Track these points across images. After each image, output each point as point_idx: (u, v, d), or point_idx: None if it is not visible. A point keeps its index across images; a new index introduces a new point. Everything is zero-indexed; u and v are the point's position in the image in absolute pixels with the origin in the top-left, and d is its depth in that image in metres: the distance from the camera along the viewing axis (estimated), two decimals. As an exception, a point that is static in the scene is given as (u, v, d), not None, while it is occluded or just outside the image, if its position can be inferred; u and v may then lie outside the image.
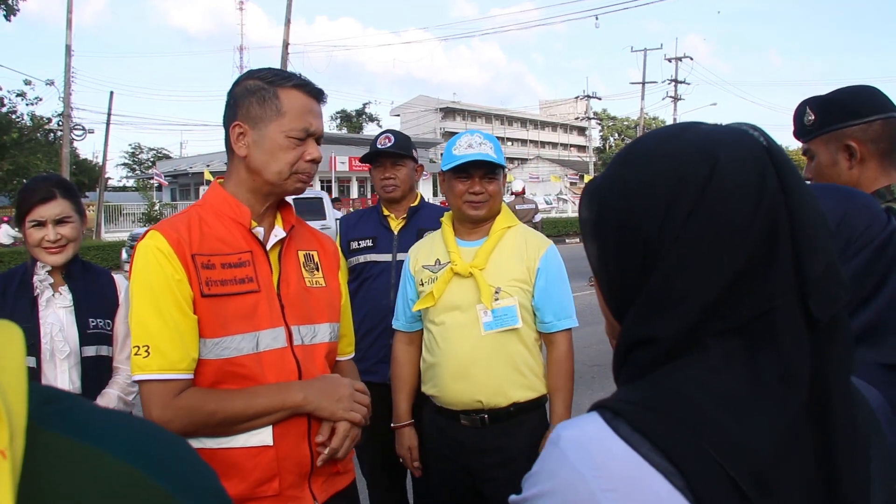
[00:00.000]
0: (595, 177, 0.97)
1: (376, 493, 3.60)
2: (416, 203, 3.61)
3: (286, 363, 1.92)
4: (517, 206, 12.73)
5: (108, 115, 31.60)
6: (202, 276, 1.84)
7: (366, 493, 3.46)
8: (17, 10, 28.01)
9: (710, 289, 0.81)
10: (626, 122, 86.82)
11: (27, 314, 2.65)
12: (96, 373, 2.73)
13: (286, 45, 29.33)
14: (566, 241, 29.88)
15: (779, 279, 0.81)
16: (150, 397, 1.80)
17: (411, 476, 3.60)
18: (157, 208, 32.93)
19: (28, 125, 32.49)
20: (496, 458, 2.68)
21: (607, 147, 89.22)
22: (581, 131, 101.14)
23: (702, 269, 0.81)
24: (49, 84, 31.44)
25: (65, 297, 2.73)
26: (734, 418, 0.77)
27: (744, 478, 0.73)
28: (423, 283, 2.85)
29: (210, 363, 1.84)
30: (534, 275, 2.74)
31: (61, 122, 30.46)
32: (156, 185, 40.80)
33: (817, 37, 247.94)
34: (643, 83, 53.90)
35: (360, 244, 3.51)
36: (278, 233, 2.02)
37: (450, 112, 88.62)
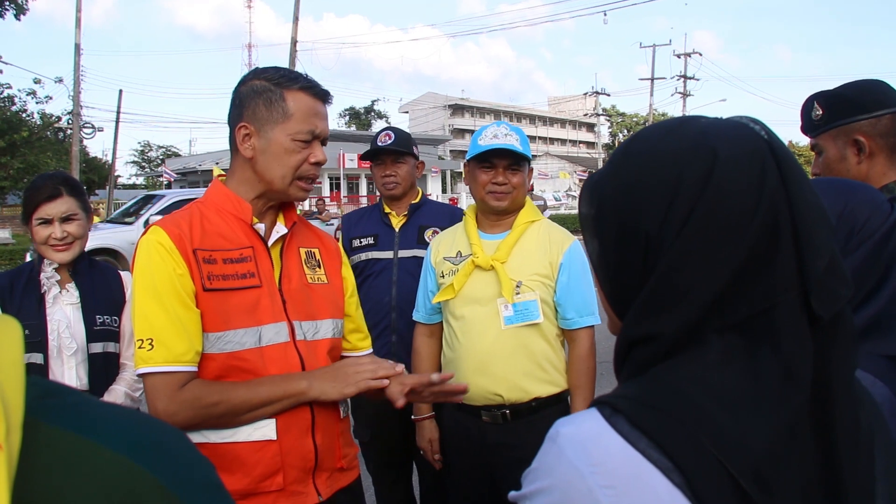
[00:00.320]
0: (595, 172, 0.96)
1: (382, 489, 3.60)
2: (418, 200, 3.60)
3: (289, 358, 1.92)
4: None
5: (118, 112, 31.68)
6: (204, 271, 1.85)
7: (371, 489, 3.46)
8: (27, 10, 28.12)
9: (711, 285, 0.80)
10: (635, 119, 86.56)
11: (34, 311, 2.67)
12: (103, 369, 2.74)
13: (294, 42, 29.36)
14: (576, 237, 29.79)
15: (780, 275, 0.80)
16: (155, 390, 1.80)
17: (418, 473, 3.60)
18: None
19: (38, 124, 32.64)
20: (518, 454, 2.62)
21: (616, 143, 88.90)
22: (590, 128, 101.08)
23: (703, 265, 0.80)
24: (58, 81, 31.60)
25: (72, 293, 2.74)
26: (734, 415, 0.76)
27: (744, 474, 0.73)
28: (443, 275, 2.83)
29: (213, 357, 1.85)
30: (556, 270, 2.71)
31: (71, 121, 30.60)
32: (165, 182, 40.87)
33: (828, 31, 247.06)
34: (652, 79, 53.76)
35: (361, 242, 3.50)
36: (280, 229, 2.02)
37: (458, 109, 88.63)
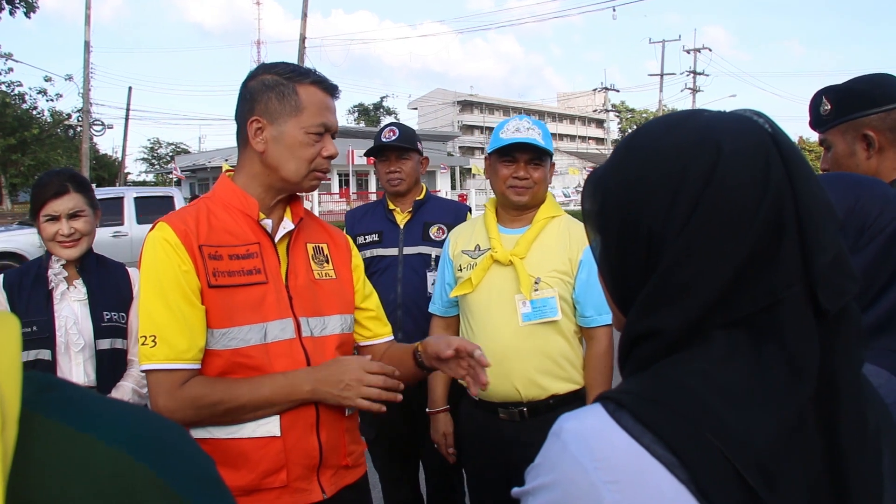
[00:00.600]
0: (598, 167, 0.95)
1: (388, 486, 3.60)
2: (422, 196, 3.58)
3: (295, 354, 1.92)
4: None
5: (127, 110, 31.83)
6: (209, 267, 1.85)
7: (378, 487, 3.46)
8: (37, 7, 28.23)
9: (714, 281, 0.79)
10: (644, 115, 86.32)
11: (42, 307, 2.67)
12: (111, 366, 2.74)
13: (303, 39, 29.40)
14: (585, 233, 29.76)
15: (785, 270, 0.79)
16: (157, 387, 1.81)
17: (424, 471, 3.59)
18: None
19: (48, 121, 32.79)
20: (534, 452, 2.60)
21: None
22: (599, 124, 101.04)
23: (706, 261, 0.79)
24: (68, 79, 31.79)
25: (79, 290, 2.74)
26: (739, 410, 0.75)
27: (749, 469, 0.72)
28: (461, 269, 2.80)
29: (218, 354, 1.85)
30: (576, 267, 2.67)
31: (81, 118, 30.74)
32: (174, 179, 41.02)
33: (839, 27, 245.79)
34: (661, 75, 53.65)
35: (366, 239, 3.49)
36: (287, 225, 2.01)
37: (467, 105, 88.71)
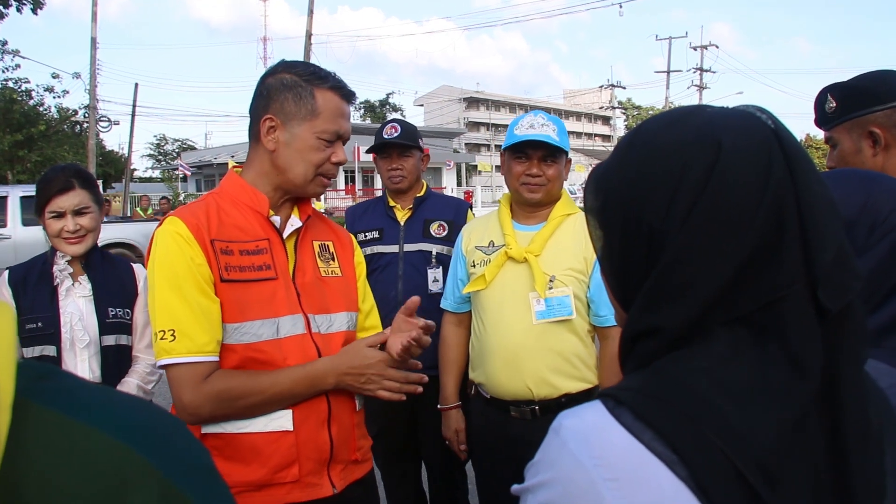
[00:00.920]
0: (600, 163, 0.95)
1: (390, 483, 3.59)
2: (423, 193, 3.57)
3: (307, 350, 1.91)
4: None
5: (134, 106, 31.84)
6: (221, 262, 1.84)
7: (380, 484, 3.46)
8: (44, 4, 28.27)
9: (714, 279, 0.79)
10: (650, 112, 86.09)
11: (47, 304, 2.68)
12: (116, 362, 2.75)
13: (309, 35, 29.37)
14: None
15: (787, 268, 0.79)
16: (180, 382, 1.79)
17: (426, 469, 3.59)
18: (181, 199, 33.13)
19: (55, 117, 32.84)
20: None
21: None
22: (605, 121, 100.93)
23: (706, 259, 0.79)
24: (76, 77, 31.79)
25: (84, 286, 2.75)
26: (740, 408, 0.75)
27: (749, 467, 0.72)
28: (474, 265, 2.77)
29: (232, 349, 1.84)
30: (591, 266, 2.63)
31: (87, 114, 30.78)
32: (181, 175, 41.14)
33: (847, 24, 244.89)
34: (668, 72, 53.51)
35: (366, 236, 3.48)
36: (294, 222, 2.01)
37: (473, 102, 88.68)
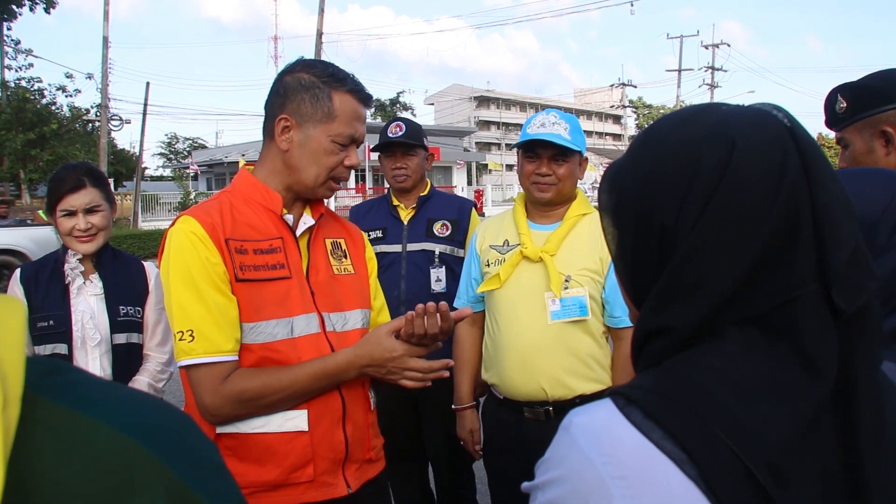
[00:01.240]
0: (614, 161, 0.95)
1: (396, 482, 3.56)
2: (426, 192, 3.56)
3: (321, 349, 1.90)
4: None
5: (145, 105, 31.91)
6: (236, 261, 1.83)
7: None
8: (56, 3, 28.44)
9: (727, 278, 0.78)
10: (661, 111, 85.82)
11: (59, 302, 2.69)
12: (127, 360, 2.76)
13: (320, 34, 29.43)
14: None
15: (800, 268, 0.78)
16: (200, 383, 1.78)
17: (433, 469, 3.58)
18: (192, 197, 33.23)
19: (67, 116, 33.01)
20: None
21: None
22: (616, 120, 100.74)
23: (718, 257, 0.79)
24: (89, 78, 32.00)
25: (95, 284, 2.75)
26: (751, 407, 0.75)
27: (759, 467, 0.71)
28: (489, 264, 2.75)
29: (249, 348, 1.83)
30: (606, 266, 2.61)
31: (99, 113, 30.92)
32: (192, 174, 41.25)
33: (859, 22, 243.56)
34: (679, 70, 53.37)
35: (370, 235, 3.42)
36: (307, 220, 2.00)
37: (484, 101, 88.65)
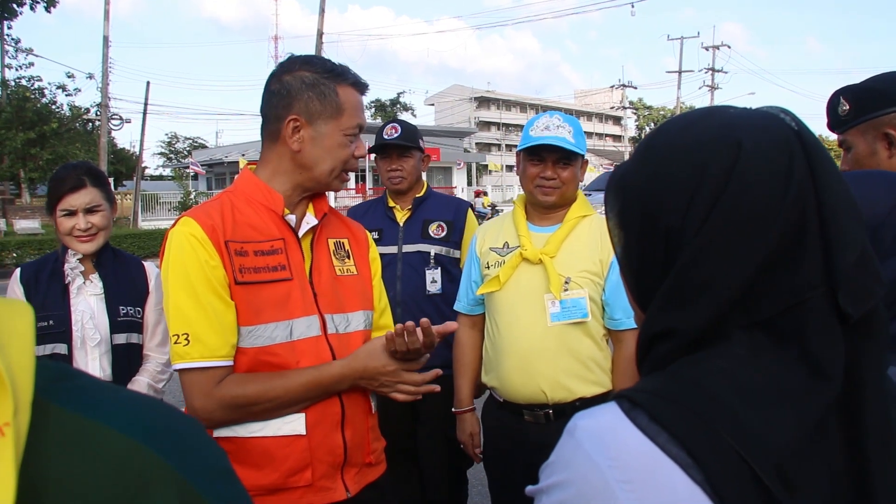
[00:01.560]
0: (620, 164, 0.95)
1: (394, 482, 3.55)
2: (422, 193, 3.56)
3: (321, 352, 1.89)
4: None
5: (145, 104, 31.91)
6: (235, 264, 1.82)
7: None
8: (57, 2, 28.45)
9: (732, 281, 0.78)
10: (662, 112, 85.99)
11: (59, 302, 2.68)
12: (126, 360, 2.75)
13: (320, 34, 29.43)
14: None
15: (807, 272, 0.78)
16: (192, 387, 1.79)
17: (423, 470, 3.55)
18: (192, 197, 33.24)
19: (67, 115, 33.00)
20: None
21: (643, 137, 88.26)
22: (616, 121, 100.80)
23: (725, 259, 0.78)
24: (89, 77, 31.98)
25: (95, 284, 2.75)
26: (757, 411, 0.74)
27: (766, 470, 0.71)
28: (488, 266, 2.75)
29: (243, 352, 1.83)
30: (606, 268, 2.61)
31: (99, 112, 30.93)
32: (192, 174, 41.21)
33: (860, 24, 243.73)
34: (679, 72, 53.40)
35: None
36: (310, 220, 1.99)
37: (484, 101, 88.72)
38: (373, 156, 3.56)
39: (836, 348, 0.77)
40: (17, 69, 33.65)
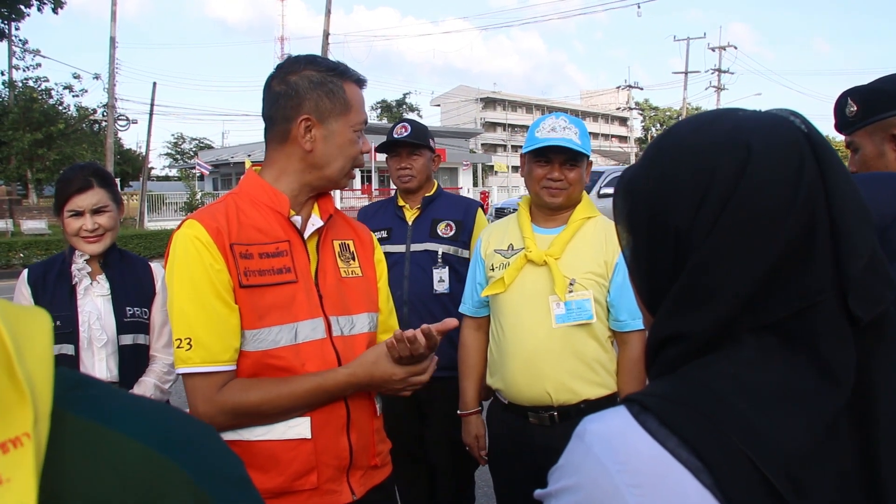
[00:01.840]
0: (629, 166, 0.94)
1: (402, 486, 3.54)
2: (432, 193, 3.57)
3: (326, 355, 1.88)
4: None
5: (152, 105, 31.92)
6: (240, 267, 1.81)
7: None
8: (64, 3, 28.54)
9: (742, 284, 0.77)
10: (668, 113, 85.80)
11: (66, 303, 2.69)
12: (133, 361, 2.76)
13: (326, 35, 29.47)
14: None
15: (817, 275, 0.78)
16: (195, 391, 1.79)
17: (437, 472, 3.55)
18: (198, 197, 33.28)
19: (74, 116, 33.11)
20: None
21: (649, 137, 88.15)
22: (622, 122, 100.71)
23: (734, 263, 0.78)
24: (96, 78, 32.07)
25: (102, 285, 2.75)
26: (767, 414, 0.74)
27: (777, 475, 0.71)
28: (493, 268, 2.75)
29: (247, 355, 1.82)
30: (611, 269, 2.61)
31: (106, 113, 31.00)
32: (198, 174, 41.23)
33: (868, 24, 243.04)
34: (686, 73, 53.31)
35: (376, 235, 3.47)
36: (315, 222, 1.98)
37: (490, 102, 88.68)
38: (382, 156, 3.57)
39: (846, 351, 0.77)
40: (24, 70, 33.85)
